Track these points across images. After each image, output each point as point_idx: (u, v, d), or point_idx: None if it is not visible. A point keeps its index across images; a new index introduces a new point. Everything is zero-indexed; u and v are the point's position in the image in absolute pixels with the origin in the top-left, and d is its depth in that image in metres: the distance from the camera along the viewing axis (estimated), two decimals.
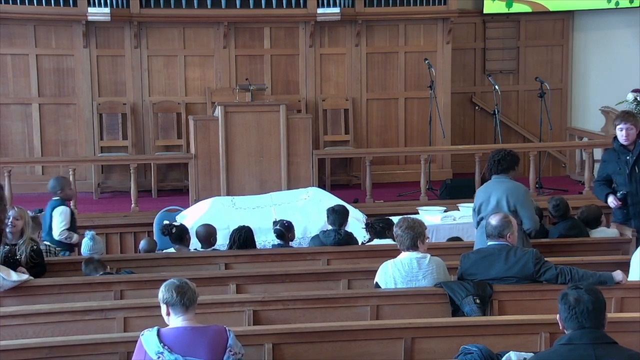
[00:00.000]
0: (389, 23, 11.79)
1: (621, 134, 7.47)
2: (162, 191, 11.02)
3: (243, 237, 7.23)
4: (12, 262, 6.36)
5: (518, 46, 12.94)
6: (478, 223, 6.84)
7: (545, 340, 4.88)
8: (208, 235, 7.42)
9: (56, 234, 7.73)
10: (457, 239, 7.90)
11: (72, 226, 7.87)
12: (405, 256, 5.63)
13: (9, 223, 6.61)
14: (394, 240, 5.98)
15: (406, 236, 5.58)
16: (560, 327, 3.80)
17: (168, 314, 4.30)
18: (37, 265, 6.51)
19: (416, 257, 5.62)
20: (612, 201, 7.49)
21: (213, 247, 7.45)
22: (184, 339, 4.19)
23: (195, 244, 7.77)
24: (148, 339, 4.18)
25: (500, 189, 6.74)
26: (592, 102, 12.65)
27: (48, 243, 7.42)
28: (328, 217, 7.37)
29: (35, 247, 6.60)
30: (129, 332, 5.08)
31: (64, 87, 11.34)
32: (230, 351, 4.23)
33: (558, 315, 3.79)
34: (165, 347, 4.14)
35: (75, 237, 7.84)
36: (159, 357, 4.12)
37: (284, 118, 9.93)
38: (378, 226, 7.32)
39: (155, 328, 4.23)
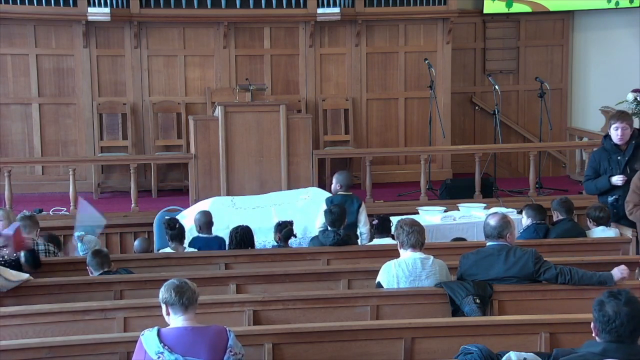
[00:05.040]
0: (389, 23, 11.79)
1: (616, 133, 7.46)
2: (162, 191, 11.02)
3: (240, 235, 7.26)
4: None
5: (518, 46, 12.94)
6: None
7: (545, 340, 4.88)
8: (209, 221, 7.50)
9: (366, 229, 7.81)
10: (462, 239, 7.89)
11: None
12: (408, 256, 5.63)
13: None
14: (394, 239, 5.97)
15: (413, 236, 5.59)
16: (593, 334, 3.71)
17: (168, 313, 4.31)
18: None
19: (420, 257, 5.63)
20: (617, 179, 7.46)
21: (216, 235, 7.54)
22: (185, 339, 4.19)
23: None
24: (148, 339, 4.18)
25: None
26: (592, 102, 12.65)
27: (47, 243, 7.41)
28: (326, 218, 7.37)
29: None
30: (129, 332, 5.08)
31: (64, 87, 11.35)
32: (231, 351, 4.23)
33: (592, 323, 3.71)
34: (166, 347, 4.13)
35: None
36: (159, 357, 4.12)
37: (284, 118, 9.93)
38: (377, 224, 7.34)
39: (156, 328, 4.23)
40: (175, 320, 4.28)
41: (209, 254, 7.16)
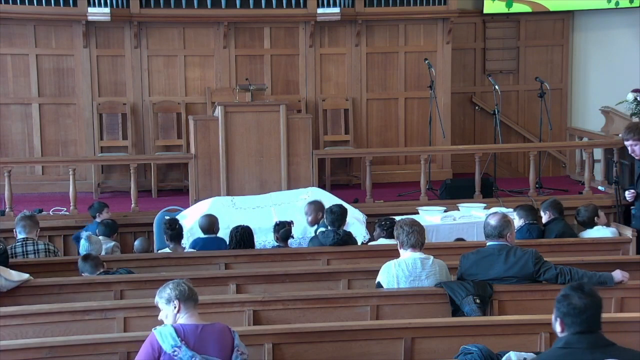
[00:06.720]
0: (389, 23, 11.79)
1: (630, 149, 7.52)
2: (162, 191, 11.02)
3: (240, 235, 7.27)
4: None
5: (518, 46, 12.94)
6: None
7: (545, 340, 4.89)
8: (211, 224, 7.49)
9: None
10: (462, 240, 7.90)
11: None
12: (408, 256, 5.63)
13: None
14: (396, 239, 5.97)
15: (413, 236, 5.59)
16: (557, 330, 3.71)
17: (179, 310, 4.31)
18: None
19: (420, 257, 5.63)
20: (627, 194, 7.51)
21: (216, 235, 7.52)
22: (197, 335, 4.23)
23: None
24: (163, 333, 4.20)
25: None
26: (592, 102, 12.65)
27: (47, 243, 7.43)
28: (326, 217, 7.37)
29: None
30: (129, 332, 5.09)
31: (64, 87, 11.34)
32: (238, 351, 4.27)
33: (553, 316, 3.71)
34: (183, 341, 4.15)
35: None
36: (174, 351, 4.13)
37: (284, 118, 9.93)
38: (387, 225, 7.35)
39: (169, 324, 4.25)
40: (186, 317, 4.30)
41: (209, 254, 7.16)
